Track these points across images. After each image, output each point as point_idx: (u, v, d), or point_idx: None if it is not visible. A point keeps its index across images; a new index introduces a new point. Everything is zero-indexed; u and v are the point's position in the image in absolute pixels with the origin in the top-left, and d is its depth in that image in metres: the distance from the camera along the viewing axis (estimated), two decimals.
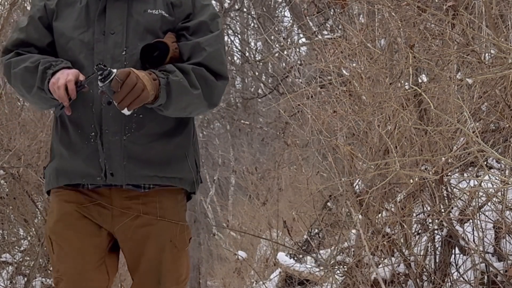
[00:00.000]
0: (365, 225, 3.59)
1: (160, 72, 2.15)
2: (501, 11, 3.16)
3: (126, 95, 2.01)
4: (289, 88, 5.92)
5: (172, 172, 2.28)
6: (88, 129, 2.21)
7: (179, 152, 2.29)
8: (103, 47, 2.21)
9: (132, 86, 2.01)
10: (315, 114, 3.86)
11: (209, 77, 2.21)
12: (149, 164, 2.24)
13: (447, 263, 3.34)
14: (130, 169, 2.22)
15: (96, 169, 2.22)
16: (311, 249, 4.80)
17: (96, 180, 2.23)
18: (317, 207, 4.79)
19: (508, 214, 3.00)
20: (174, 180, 2.28)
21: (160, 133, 2.26)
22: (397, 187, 3.58)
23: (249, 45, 14.59)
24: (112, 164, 2.21)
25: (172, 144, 2.27)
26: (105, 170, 2.21)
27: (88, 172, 2.24)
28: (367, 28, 3.79)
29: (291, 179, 6.76)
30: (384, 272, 3.55)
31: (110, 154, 2.21)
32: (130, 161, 2.22)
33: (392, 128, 3.31)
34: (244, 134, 15.90)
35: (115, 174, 2.21)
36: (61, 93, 2.08)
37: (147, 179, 2.24)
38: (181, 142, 2.30)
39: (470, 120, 2.56)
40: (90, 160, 2.22)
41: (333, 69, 4.00)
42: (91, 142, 2.22)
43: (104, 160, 2.21)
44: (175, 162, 2.28)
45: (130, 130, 2.21)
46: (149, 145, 2.23)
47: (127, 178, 2.23)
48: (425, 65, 3.20)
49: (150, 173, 2.24)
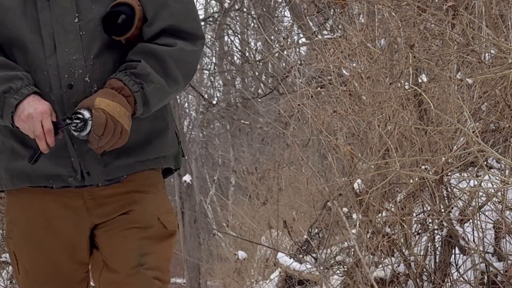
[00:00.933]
0: (365, 225, 3.59)
1: (132, 80, 1.82)
2: (501, 11, 3.16)
3: (106, 144, 1.79)
4: (289, 88, 5.92)
5: (155, 152, 1.93)
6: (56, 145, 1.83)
7: (159, 124, 1.95)
8: (49, 16, 1.82)
9: (111, 134, 1.78)
10: (315, 114, 3.86)
11: (187, 54, 1.88)
12: (128, 150, 1.87)
13: (447, 263, 3.34)
14: (107, 162, 1.87)
15: (66, 168, 1.86)
16: (311, 249, 4.80)
17: (68, 181, 1.88)
18: (317, 207, 4.79)
19: (508, 214, 3.00)
20: (158, 161, 1.95)
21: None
22: (397, 187, 3.58)
23: (249, 45, 14.58)
24: (86, 161, 1.86)
25: (149, 117, 1.90)
26: (80, 169, 1.87)
27: (56, 173, 1.87)
28: (367, 28, 3.79)
29: (291, 179, 6.77)
30: (384, 272, 3.55)
31: (81, 149, 1.84)
32: (104, 152, 1.84)
33: (392, 128, 3.31)
34: (244, 134, 15.89)
35: (92, 172, 1.87)
36: (43, 144, 1.77)
37: (128, 168, 1.90)
38: (159, 113, 1.93)
39: (470, 120, 2.56)
40: (57, 158, 1.85)
41: (333, 69, 4.01)
42: (57, 140, 1.82)
43: (77, 158, 1.85)
44: (156, 139, 1.93)
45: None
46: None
47: (105, 174, 1.88)
48: (425, 65, 3.20)
49: (130, 159, 1.90)
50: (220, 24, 14.38)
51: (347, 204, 3.95)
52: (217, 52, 15.96)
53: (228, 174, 16.51)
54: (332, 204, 3.83)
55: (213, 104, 15.75)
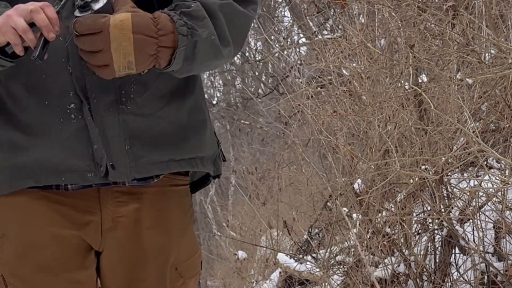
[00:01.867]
0: (365, 225, 3.59)
1: (181, 20, 1.38)
2: (501, 11, 3.16)
3: (83, 46, 1.32)
4: (289, 88, 5.92)
5: (191, 150, 1.54)
6: (64, 98, 1.43)
7: (197, 117, 1.56)
8: None
9: (100, 43, 1.31)
10: (315, 114, 3.86)
11: (238, 14, 1.49)
12: (161, 144, 1.49)
13: (447, 263, 3.34)
14: (136, 155, 1.47)
15: (84, 160, 1.44)
16: (311, 249, 4.80)
17: (86, 177, 1.46)
18: (317, 207, 4.79)
19: (508, 214, 3.00)
20: (194, 162, 1.55)
21: (169, 93, 1.51)
22: (397, 187, 3.58)
23: (249, 45, 14.57)
24: (111, 151, 1.45)
25: (186, 107, 1.53)
26: (105, 161, 1.45)
27: (71, 166, 1.45)
28: (367, 28, 3.79)
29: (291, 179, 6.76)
30: (384, 272, 3.55)
31: (106, 136, 1.45)
32: (134, 142, 1.47)
33: (392, 128, 3.31)
34: (244, 134, 15.89)
35: (117, 166, 1.46)
36: (48, 28, 1.30)
37: (161, 166, 1.51)
38: (197, 103, 1.56)
39: (470, 120, 2.56)
40: (72, 147, 1.44)
41: (333, 69, 4.00)
42: (72, 120, 1.43)
43: (101, 146, 1.44)
44: (193, 134, 1.54)
45: (128, 96, 1.46)
46: (158, 114, 1.49)
47: (134, 170, 1.48)
48: (425, 65, 3.20)
49: (164, 156, 1.50)
50: None
51: (347, 204, 3.95)
52: None
53: (228, 174, 16.51)
54: (334, 203, 3.83)
55: (213, 104, 15.76)
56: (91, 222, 1.52)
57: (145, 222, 1.54)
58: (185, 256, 1.60)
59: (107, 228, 1.53)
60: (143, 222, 1.54)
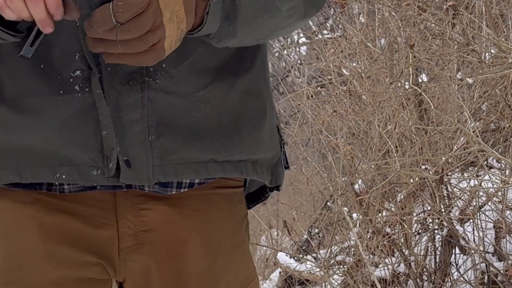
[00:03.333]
0: (365, 225, 3.58)
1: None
2: (501, 10, 3.16)
3: (123, 37, 0.89)
4: (289, 87, 5.92)
5: (242, 150, 1.11)
6: (67, 62, 1.01)
7: (254, 104, 1.13)
8: None
9: (140, 27, 0.89)
10: (315, 114, 3.86)
11: None
12: (201, 137, 1.07)
13: (447, 263, 3.34)
14: (164, 150, 1.05)
15: (89, 150, 1.03)
16: (311, 248, 4.79)
17: (89, 175, 1.04)
18: (317, 206, 4.79)
19: (509, 214, 3.00)
20: (244, 167, 1.12)
21: (216, 68, 1.07)
22: (397, 186, 3.57)
23: None
24: (127, 141, 1.03)
25: (239, 89, 1.10)
26: (116, 154, 1.03)
27: (70, 158, 1.03)
28: (367, 28, 3.79)
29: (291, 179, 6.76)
30: (384, 272, 3.55)
31: (121, 119, 1.02)
32: (163, 132, 1.04)
33: (392, 127, 3.30)
34: None
35: (135, 163, 1.04)
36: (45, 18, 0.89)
37: (196, 168, 1.07)
38: (254, 85, 1.13)
39: (470, 120, 2.56)
40: (72, 131, 1.03)
41: (333, 69, 4.00)
42: (75, 93, 1.02)
43: (113, 133, 1.02)
44: (247, 127, 1.11)
45: (159, 65, 1.01)
46: (199, 94, 1.06)
47: (158, 171, 1.05)
48: (425, 64, 3.20)
49: (203, 155, 1.07)
50: None
51: (347, 204, 3.94)
52: None
53: None
54: (335, 203, 3.83)
55: None
56: (103, 239, 1.09)
57: (181, 237, 1.10)
58: (238, 283, 1.16)
59: (127, 248, 1.09)
60: (179, 237, 1.10)
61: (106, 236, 1.09)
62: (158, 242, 1.10)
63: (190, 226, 1.11)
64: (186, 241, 1.11)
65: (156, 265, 1.10)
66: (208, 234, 1.12)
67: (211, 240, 1.12)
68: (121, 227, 1.09)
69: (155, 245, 1.10)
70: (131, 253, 1.10)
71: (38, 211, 1.08)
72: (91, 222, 1.09)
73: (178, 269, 1.11)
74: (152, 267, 1.10)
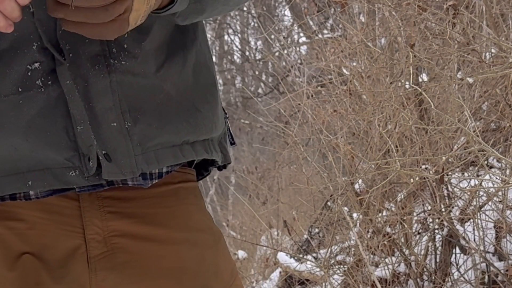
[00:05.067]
0: (365, 225, 3.58)
1: None
2: (501, 10, 3.16)
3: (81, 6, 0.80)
4: (289, 87, 5.92)
5: (206, 127, 1.05)
6: (23, 56, 0.91)
7: (204, 77, 1.06)
8: None
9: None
10: (315, 114, 3.85)
11: None
12: (170, 118, 1.00)
13: (447, 263, 3.34)
14: (143, 136, 0.97)
15: (62, 150, 0.93)
16: (312, 248, 4.79)
17: (67, 177, 0.94)
18: (317, 206, 4.79)
19: (509, 214, 3.00)
20: (208, 146, 1.06)
21: (167, 42, 1.00)
22: (398, 186, 3.57)
23: (249, 44, 14.58)
24: (103, 133, 0.94)
25: (190, 63, 1.03)
26: (96, 150, 0.94)
27: (41, 161, 0.93)
28: (368, 27, 3.78)
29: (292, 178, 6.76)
30: (384, 271, 3.54)
31: (93, 109, 0.93)
32: (138, 117, 0.97)
33: (392, 127, 3.30)
34: (244, 134, 15.90)
35: (115, 155, 0.95)
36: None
37: (174, 152, 1.00)
38: (201, 57, 1.06)
39: (471, 120, 2.55)
40: (40, 131, 0.92)
41: (333, 68, 4.00)
42: (37, 88, 0.92)
43: (89, 127, 0.93)
44: (203, 102, 1.05)
45: (120, 45, 0.95)
46: (159, 74, 0.99)
47: (141, 159, 0.97)
48: (426, 64, 3.19)
49: (177, 137, 1.00)
50: (220, 23, 14.38)
51: (347, 203, 3.94)
52: (217, 51, 15.96)
53: (228, 173, 16.52)
54: (335, 202, 3.83)
55: None
56: (69, 249, 0.98)
57: (157, 236, 1.01)
58: (226, 278, 1.07)
59: (96, 256, 0.99)
60: (154, 236, 1.01)
61: (70, 246, 0.98)
62: (132, 246, 1.00)
63: (165, 222, 1.02)
64: (165, 239, 1.02)
65: (135, 274, 1.00)
66: (186, 229, 1.04)
67: (192, 235, 1.04)
68: (88, 233, 0.98)
69: (129, 250, 0.99)
70: (101, 262, 0.99)
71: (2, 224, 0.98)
72: (54, 232, 0.98)
73: (158, 272, 1.01)
74: (130, 276, 1.00)
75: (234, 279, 1.09)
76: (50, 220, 0.98)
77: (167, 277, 1.00)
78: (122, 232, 1.00)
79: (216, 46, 15.78)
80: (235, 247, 9.31)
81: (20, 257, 0.96)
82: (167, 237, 1.01)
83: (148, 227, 1.01)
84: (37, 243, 0.97)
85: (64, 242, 0.98)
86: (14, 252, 0.97)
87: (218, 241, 1.08)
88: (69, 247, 0.98)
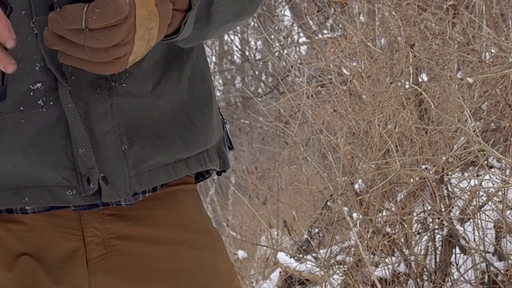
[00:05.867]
0: (365, 225, 3.58)
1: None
2: (501, 10, 3.16)
3: (93, 41, 0.81)
4: (289, 87, 5.92)
5: (200, 141, 1.06)
6: (25, 76, 0.92)
7: (200, 89, 1.07)
8: None
9: (113, 31, 0.81)
10: (315, 114, 3.85)
11: None
12: (164, 136, 1.01)
13: (447, 263, 3.34)
14: (137, 158, 0.98)
15: (60, 169, 0.95)
16: (311, 248, 4.79)
17: (63, 196, 0.96)
18: (317, 206, 4.79)
19: (509, 214, 3.00)
20: (203, 158, 1.07)
21: (164, 58, 1.02)
22: (398, 186, 3.57)
23: (249, 44, 14.59)
24: (102, 156, 0.95)
25: (186, 76, 1.04)
26: (97, 172, 0.95)
27: (39, 178, 0.95)
28: (367, 27, 3.78)
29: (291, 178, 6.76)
30: (384, 271, 3.55)
31: (93, 132, 0.94)
32: (134, 139, 0.98)
33: (392, 127, 3.30)
34: (244, 134, 15.90)
35: (112, 178, 0.96)
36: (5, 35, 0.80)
37: (167, 171, 1.02)
38: (197, 68, 1.07)
39: (471, 120, 2.55)
40: (40, 149, 0.93)
41: (333, 68, 4.00)
42: (39, 108, 0.93)
43: (90, 150, 0.94)
44: (198, 115, 1.06)
45: (124, 70, 0.89)
46: (156, 92, 1.00)
47: (134, 181, 0.99)
48: (426, 64, 3.19)
49: (170, 155, 1.02)
50: None
51: (347, 203, 3.94)
52: (217, 51, 15.97)
53: (228, 173, 16.52)
54: (335, 202, 3.83)
55: None
56: (68, 251, 1.00)
57: (155, 238, 1.03)
58: (224, 279, 1.08)
59: (95, 258, 1.00)
60: (152, 238, 1.03)
61: (69, 248, 0.99)
62: (130, 248, 1.01)
63: (164, 223, 1.04)
64: (164, 241, 1.03)
65: (134, 275, 1.01)
66: (185, 229, 1.06)
67: (191, 236, 1.06)
68: (87, 236, 1.00)
69: (127, 252, 1.01)
70: (101, 264, 1.00)
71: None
72: (51, 235, 1.00)
73: (157, 274, 1.02)
74: (129, 278, 1.01)
75: (232, 280, 1.10)
76: (49, 223, 0.99)
77: (165, 278, 1.02)
78: (121, 234, 1.01)
79: (216, 46, 15.79)
80: (235, 247, 9.32)
81: (19, 258, 0.98)
82: (165, 239, 1.03)
83: (146, 229, 1.02)
84: (36, 245, 0.99)
85: (63, 244, 0.99)
86: (12, 253, 0.98)
87: (216, 242, 1.09)
88: (68, 249, 1.00)
